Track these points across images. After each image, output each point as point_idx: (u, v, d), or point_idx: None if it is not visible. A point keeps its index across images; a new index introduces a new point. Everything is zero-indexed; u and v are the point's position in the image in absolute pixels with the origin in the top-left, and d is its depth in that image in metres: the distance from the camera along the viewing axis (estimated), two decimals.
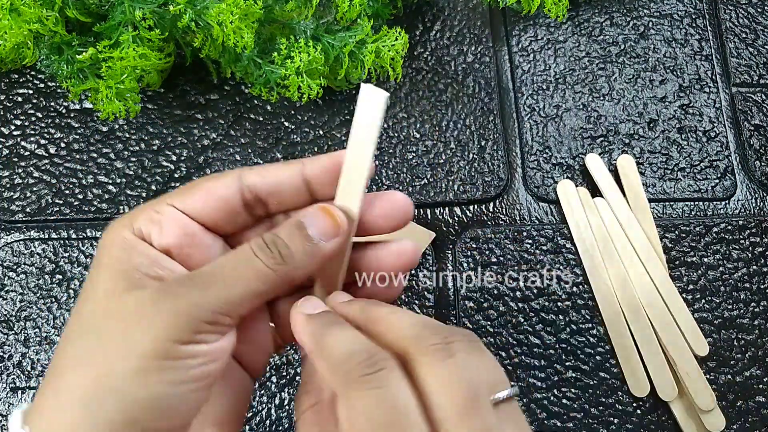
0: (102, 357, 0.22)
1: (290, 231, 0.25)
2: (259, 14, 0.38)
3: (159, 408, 0.22)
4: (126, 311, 0.22)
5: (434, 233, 0.43)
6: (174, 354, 0.22)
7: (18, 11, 0.37)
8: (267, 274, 0.24)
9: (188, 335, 0.22)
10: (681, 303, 0.42)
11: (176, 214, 0.24)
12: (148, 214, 0.24)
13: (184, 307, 0.22)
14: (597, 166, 0.45)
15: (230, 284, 0.23)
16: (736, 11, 0.51)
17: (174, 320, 0.22)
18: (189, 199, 0.25)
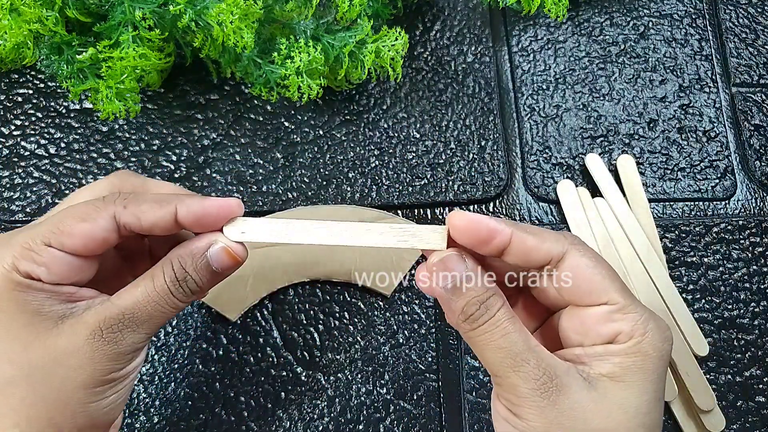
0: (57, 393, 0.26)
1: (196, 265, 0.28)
2: (259, 14, 0.38)
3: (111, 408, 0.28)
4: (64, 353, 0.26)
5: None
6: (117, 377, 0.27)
7: (18, 11, 0.37)
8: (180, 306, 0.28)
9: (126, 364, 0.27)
10: (681, 303, 0.42)
11: (59, 254, 0.26)
12: (30, 256, 0.26)
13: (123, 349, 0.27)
14: (597, 166, 0.45)
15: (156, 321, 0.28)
16: (736, 11, 0.51)
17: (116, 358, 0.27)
18: (68, 241, 0.26)
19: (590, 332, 0.28)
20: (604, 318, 0.27)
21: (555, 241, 0.28)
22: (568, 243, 0.28)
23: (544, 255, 0.28)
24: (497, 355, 0.26)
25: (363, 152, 0.46)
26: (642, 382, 0.26)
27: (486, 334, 0.27)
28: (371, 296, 0.43)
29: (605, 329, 0.27)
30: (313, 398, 0.41)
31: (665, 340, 0.27)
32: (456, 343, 0.42)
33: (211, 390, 0.41)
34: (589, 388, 0.26)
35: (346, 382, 0.41)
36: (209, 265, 0.28)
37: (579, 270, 0.28)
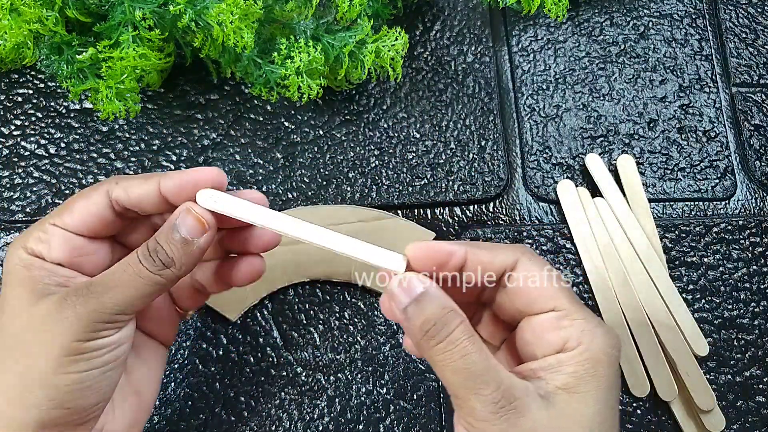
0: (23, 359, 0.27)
1: (167, 236, 0.28)
2: (259, 14, 0.38)
3: (79, 390, 0.27)
4: (37, 320, 0.27)
5: (434, 233, 0.43)
6: (81, 349, 0.27)
7: (18, 11, 0.37)
8: (152, 278, 0.28)
9: (90, 334, 0.27)
10: (681, 303, 0.42)
11: (60, 232, 0.29)
12: (36, 235, 0.29)
13: (84, 313, 0.27)
14: (597, 166, 0.45)
15: (122, 291, 0.27)
16: (736, 11, 0.51)
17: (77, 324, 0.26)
18: (68, 218, 0.29)
19: (542, 342, 0.28)
20: (552, 325, 0.28)
21: (506, 253, 0.29)
22: (519, 253, 0.29)
23: (497, 267, 0.29)
24: (457, 377, 0.26)
25: (363, 152, 0.46)
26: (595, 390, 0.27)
27: (445, 353, 0.26)
28: (371, 296, 0.43)
29: (554, 337, 0.28)
30: (313, 398, 0.41)
31: (613, 345, 0.28)
32: None
33: (211, 390, 0.41)
34: (547, 406, 0.26)
35: (346, 382, 0.41)
36: (177, 232, 0.28)
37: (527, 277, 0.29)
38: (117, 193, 0.29)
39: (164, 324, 0.33)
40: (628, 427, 0.41)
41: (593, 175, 0.45)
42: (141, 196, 0.29)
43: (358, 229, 0.42)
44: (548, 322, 0.28)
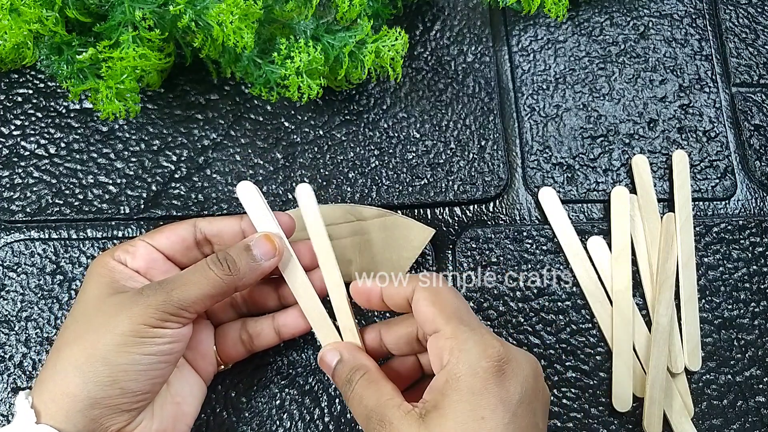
0: (91, 335, 0.30)
1: (239, 250, 0.33)
2: (259, 14, 0.38)
3: (134, 371, 0.30)
4: (110, 306, 0.31)
5: (434, 230, 0.43)
6: (147, 333, 0.30)
7: (18, 11, 0.37)
8: (217, 281, 0.32)
9: (157, 322, 0.31)
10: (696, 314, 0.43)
11: (146, 246, 0.34)
12: (125, 247, 0.34)
13: (154, 303, 0.31)
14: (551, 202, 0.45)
15: (189, 288, 0.32)
16: (736, 11, 0.51)
17: (146, 311, 0.30)
18: (156, 236, 0.35)
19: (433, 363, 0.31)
20: (433, 346, 0.31)
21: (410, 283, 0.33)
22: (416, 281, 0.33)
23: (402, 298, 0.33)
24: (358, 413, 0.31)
25: (363, 152, 0.46)
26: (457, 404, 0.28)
27: (352, 397, 0.32)
28: None
29: (435, 357, 0.30)
30: (313, 398, 0.41)
31: (486, 357, 0.29)
32: None
33: (212, 390, 0.41)
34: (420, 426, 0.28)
35: None
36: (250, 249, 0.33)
37: (418, 304, 0.32)
38: (202, 224, 0.35)
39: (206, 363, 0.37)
40: (628, 427, 0.41)
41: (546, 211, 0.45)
42: (221, 228, 0.35)
43: (357, 228, 0.42)
44: (432, 343, 0.31)
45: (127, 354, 0.30)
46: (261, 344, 0.38)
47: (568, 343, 0.43)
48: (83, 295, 0.33)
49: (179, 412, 0.34)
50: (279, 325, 0.37)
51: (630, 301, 0.42)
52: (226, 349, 0.37)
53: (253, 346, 0.38)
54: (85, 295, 0.33)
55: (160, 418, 0.33)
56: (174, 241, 0.34)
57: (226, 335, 0.38)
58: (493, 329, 0.42)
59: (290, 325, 0.37)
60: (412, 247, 0.42)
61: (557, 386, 0.42)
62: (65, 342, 0.31)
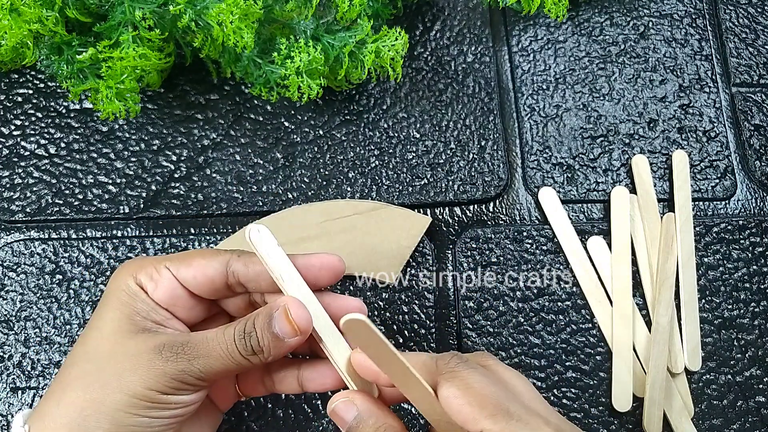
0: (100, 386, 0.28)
1: (263, 325, 0.29)
2: (259, 14, 0.38)
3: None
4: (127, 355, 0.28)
5: (430, 218, 0.43)
6: (158, 400, 0.28)
7: (18, 11, 0.37)
8: (240, 360, 0.29)
9: (171, 390, 0.28)
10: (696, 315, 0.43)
11: (171, 278, 0.31)
12: (149, 271, 0.30)
13: (171, 371, 0.28)
14: (550, 202, 0.45)
15: (212, 361, 0.29)
16: (736, 11, 0.51)
17: (162, 378, 0.28)
18: (183, 270, 0.31)
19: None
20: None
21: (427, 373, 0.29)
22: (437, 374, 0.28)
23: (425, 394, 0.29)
24: None
25: (363, 152, 0.46)
26: None
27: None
28: (371, 296, 0.43)
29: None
30: (313, 398, 0.41)
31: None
32: (456, 343, 0.42)
33: None
34: None
35: None
36: (271, 326, 0.29)
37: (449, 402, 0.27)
38: (236, 266, 0.31)
39: (226, 395, 0.35)
40: (628, 427, 0.41)
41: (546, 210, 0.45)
42: (260, 273, 0.31)
43: (354, 222, 0.42)
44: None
45: (136, 417, 0.28)
46: (281, 390, 0.35)
47: (568, 343, 0.43)
48: (99, 322, 0.30)
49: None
50: (303, 379, 0.34)
51: (630, 301, 0.42)
52: (246, 387, 0.35)
53: (274, 390, 0.35)
54: (101, 321, 0.30)
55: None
56: (201, 281, 0.31)
57: (247, 375, 0.35)
58: (493, 329, 0.43)
59: (317, 381, 0.33)
60: (410, 235, 0.43)
61: (557, 386, 0.42)
62: (73, 382, 0.29)
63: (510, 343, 0.42)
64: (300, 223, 0.43)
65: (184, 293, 0.31)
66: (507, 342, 0.42)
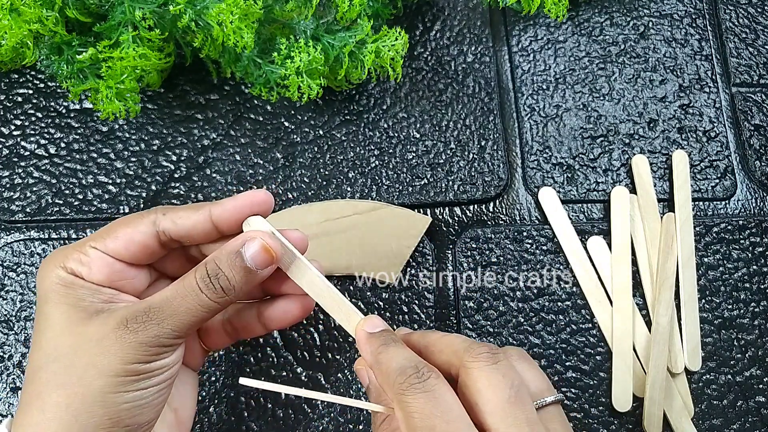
0: (78, 380, 0.27)
1: (230, 262, 0.29)
2: (259, 14, 0.38)
3: (138, 407, 0.28)
4: (91, 342, 0.27)
5: (430, 218, 0.43)
6: (141, 370, 0.27)
7: (18, 11, 0.37)
8: (211, 305, 0.29)
9: (151, 357, 0.28)
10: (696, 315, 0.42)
11: (102, 255, 0.29)
12: (76, 257, 0.29)
13: (145, 339, 0.27)
14: (550, 201, 0.45)
15: (181, 317, 0.28)
16: (736, 11, 0.51)
17: (138, 348, 0.27)
18: (111, 243, 0.29)
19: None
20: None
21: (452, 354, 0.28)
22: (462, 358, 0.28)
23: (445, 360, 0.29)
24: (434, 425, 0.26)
25: (363, 152, 0.46)
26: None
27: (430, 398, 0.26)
28: (371, 296, 0.43)
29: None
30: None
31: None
32: None
33: (211, 390, 0.41)
34: None
35: (346, 382, 0.41)
36: (243, 261, 0.29)
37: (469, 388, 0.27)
38: (165, 224, 0.30)
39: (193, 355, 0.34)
40: (628, 427, 0.41)
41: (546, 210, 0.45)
42: (190, 227, 0.30)
43: (354, 222, 0.42)
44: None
45: (126, 393, 0.27)
46: (246, 335, 0.35)
47: (568, 343, 0.43)
48: (46, 322, 0.28)
49: (178, 419, 0.33)
50: (265, 318, 0.33)
51: (630, 301, 0.42)
52: (210, 339, 0.35)
53: (238, 336, 0.35)
54: (48, 321, 0.28)
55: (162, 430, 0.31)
56: (132, 249, 0.30)
57: (209, 329, 0.35)
58: (493, 329, 0.43)
59: (278, 318, 0.33)
60: (410, 235, 0.43)
61: (557, 386, 0.42)
62: (48, 385, 0.27)
63: (510, 343, 0.42)
64: (300, 223, 0.42)
65: (121, 266, 0.30)
66: (507, 342, 0.42)
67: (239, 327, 0.34)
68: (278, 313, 0.33)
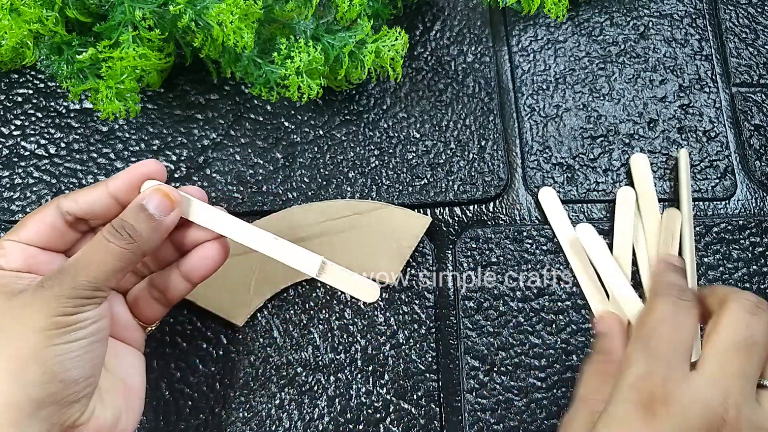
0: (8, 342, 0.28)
1: (135, 214, 0.31)
2: (259, 14, 0.38)
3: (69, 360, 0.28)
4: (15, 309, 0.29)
5: (430, 218, 0.43)
6: (65, 323, 0.28)
7: (18, 11, 0.37)
8: (122, 253, 0.30)
9: (74, 309, 0.29)
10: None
11: (15, 245, 0.31)
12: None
13: (63, 292, 0.28)
14: (550, 201, 0.45)
15: (94, 268, 0.29)
16: (736, 11, 0.51)
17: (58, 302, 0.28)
18: (22, 232, 0.31)
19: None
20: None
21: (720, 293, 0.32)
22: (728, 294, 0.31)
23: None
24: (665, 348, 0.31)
25: (363, 152, 0.46)
26: None
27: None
28: None
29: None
30: (313, 398, 0.41)
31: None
32: (456, 343, 0.42)
33: (211, 390, 0.41)
34: None
35: (346, 382, 0.41)
36: (146, 209, 0.31)
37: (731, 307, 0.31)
38: (67, 204, 0.31)
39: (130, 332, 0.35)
40: None
41: (545, 211, 0.45)
42: (91, 203, 0.31)
43: (354, 222, 0.42)
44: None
45: (55, 347, 0.28)
46: (175, 296, 0.35)
47: (568, 343, 0.43)
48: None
49: (127, 389, 0.33)
50: (186, 272, 0.34)
51: None
52: (142, 313, 0.35)
53: (169, 301, 0.35)
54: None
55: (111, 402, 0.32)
56: (42, 231, 0.31)
57: (136, 299, 0.35)
58: (493, 329, 0.43)
59: (198, 266, 0.34)
60: (410, 235, 0.43)
61: (557, 386, 0.42)
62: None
63: (510, 343, 0.42)
64: (300, 223, 0.42)
65: (35, 251, 0.31)
66: (507, 342, 0.42)
67: (164, 289, 0.35)
68: (196, 262, 0.34)
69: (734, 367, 0.28)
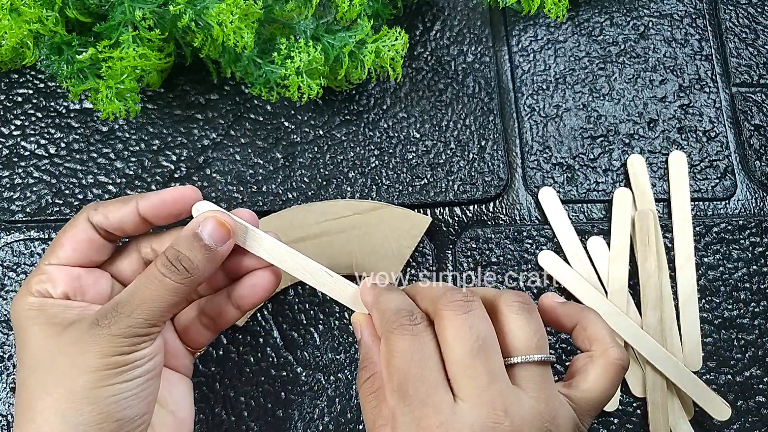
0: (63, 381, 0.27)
1: (189, 244, 0.30)
2: (259, 14, 0.38)
3: (125, 399, 0.28)
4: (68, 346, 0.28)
5: (430, 218, 0.43)
6: (120, 362, 0.28)
7: (18, 11, 0.37)
8: (178, 288, 0.29)
9: (128, 348, 0.28)
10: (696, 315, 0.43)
11: (58, 267, 0.30)
12: (37, 278, 0.30)
13: (118, 331, 0.28)
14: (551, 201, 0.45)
15: (150, 305, 0.28)
16: (736, 11, 0.51)
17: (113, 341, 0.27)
18: (61, 253, 0.30)
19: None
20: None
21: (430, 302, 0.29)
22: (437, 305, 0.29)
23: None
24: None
25: (363, 152, 0.46)
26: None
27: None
28: None
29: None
30: (313, 398, 0.41)
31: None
32: None
33: (211, 390, 0.41)
34: None
35: (346, 382, 0.41)
36: (201, 240, 0.30)
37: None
38: (97, 218, 0.31)
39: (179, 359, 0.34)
40: (628, 427, 0.41)
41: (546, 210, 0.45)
42: (120, 219, 0.31)
43: (354, 222, 0.42)
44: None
45: (110, 387, 0.27)
46: (224, 322, 0.34)
47: (568, 343, 0.43)
48: (26, 346, 0.29)
49: (178, 421, 0.32)
50: (237, 299, 0.33)
51: (624, 302, 0.42)
52: (191, 338, 0.35)
53: (217, 327, 0.35)
54: (28, 345, 0.29)
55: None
56: (80, 248, 0.31)
57: (185, 326, 0.35)
58: None
59: (249, 294, 0.33)
60: (410, 236, 0.43)
61: None
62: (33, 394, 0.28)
63: None
64: (300, 223, 0.43)
65: (78, 271, 0.31)
66: None
67: (214, 315, 0.34)
68: (247, 290, 0.33)
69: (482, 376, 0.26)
